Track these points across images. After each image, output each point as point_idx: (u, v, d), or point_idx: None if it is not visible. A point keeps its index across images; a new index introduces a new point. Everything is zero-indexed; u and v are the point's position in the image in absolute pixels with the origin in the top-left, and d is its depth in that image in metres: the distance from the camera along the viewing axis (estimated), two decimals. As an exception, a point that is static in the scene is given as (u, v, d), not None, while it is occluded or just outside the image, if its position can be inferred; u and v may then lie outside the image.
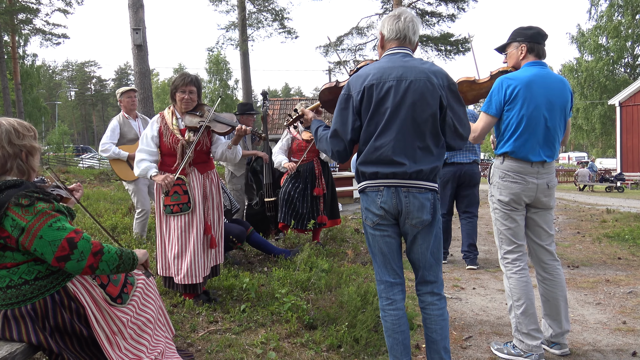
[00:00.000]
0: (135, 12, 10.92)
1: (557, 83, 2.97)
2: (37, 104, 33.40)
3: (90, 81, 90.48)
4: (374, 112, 2.40)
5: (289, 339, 3.17)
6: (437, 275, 2.51)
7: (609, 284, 4.66)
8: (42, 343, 2.06)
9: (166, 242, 3.66)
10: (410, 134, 2.37)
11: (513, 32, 3.09)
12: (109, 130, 5.54)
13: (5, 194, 1.98)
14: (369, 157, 2.42)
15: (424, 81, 2.36)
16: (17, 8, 27.51)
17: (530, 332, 2.93)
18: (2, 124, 2.09)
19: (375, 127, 2.40)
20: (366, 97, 2.39)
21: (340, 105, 2.48)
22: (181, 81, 3.64)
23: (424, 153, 2.39)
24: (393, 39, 2.50)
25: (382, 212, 2.41)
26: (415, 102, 2.35)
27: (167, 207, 3.58)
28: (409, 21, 2.48)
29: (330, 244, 6.09)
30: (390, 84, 2.37)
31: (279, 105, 22.17)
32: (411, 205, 2.38)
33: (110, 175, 17.06)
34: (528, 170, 2.95)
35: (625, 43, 34.46)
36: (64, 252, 1.98)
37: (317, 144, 2.68)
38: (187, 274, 3.55)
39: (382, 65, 2.43)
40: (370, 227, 2.49)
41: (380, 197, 2.40)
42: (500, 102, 2.95)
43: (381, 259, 2.50)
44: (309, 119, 2.85)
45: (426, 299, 2.51)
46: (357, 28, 24.03)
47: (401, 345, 2.46)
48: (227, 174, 6.16)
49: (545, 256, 3.07)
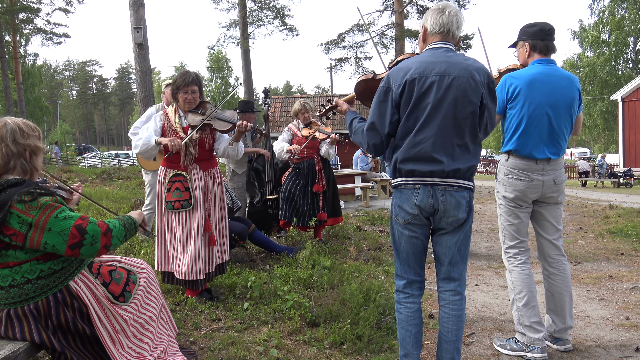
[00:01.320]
0: (136, 11, 10.91)
1: (563, 80, 2.96)
2: (38, 104, 33.47)
3: (91, 80, 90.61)
4: (414, 107, 2.35)
5: (292, 337, 3.18)
6: (462, 273, 2.49)
7: (612, 280, 4.65)
8: (45, 342, 2.07)
9: (166, 238, 3.67)
10: (450, 131, 2.34)
11: (520, 30, 3.10)
12: (144, 115, 5.40)
13: (8, 193, 1.99)
14: (407, 153, 2.37)
15: (467, 78, 2.34)
16: (18, 8, 27.49)
17: (532, 325, 2.93)
18: (7, 123, 2.12)
19: (414, 122, 2.36)
20: (407, 91, 2.35)
21: (379, 97, 2.43)
22: (183, 81, 3.62)
23: (462, 151, 2.37)
24: (436, 32, 2.46)
25: (416, 211, 2.38)
26: (457, 98, 2.32)
27: (169, 203, 3.59)
28: (453, 15, 2.43)
29: (333, 241, 6.09)
30: (433, 79, 2.32)
31: (280, 103, 22.14)
32: (448, 204, 2.36)
33: (112, 174, 17.08)
34: (533, 168, 2.95)
35: (627, 38, 34.34)
36: (75, 240, 2.01)
37: (352, 137, 2.62)
38: (187, 270, 3.56)
39: (425, 60, 2.38)
40: (401, 225, 2.45)
41: (416, 195, 2.37)
42: (503, 100, 2.96)
43: (405, 257, 2.49)
44: (344, 110, 2.80)
45: (447, 297, 2.48)
46: (359, 25, 23.97)
47: (413, 339, 2.45)
48: (229, 172, 6.16)
49: (552, 251, 3.07)
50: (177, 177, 3.60)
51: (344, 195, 11.14)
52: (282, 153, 5.56)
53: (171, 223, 3.64)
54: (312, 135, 5.50)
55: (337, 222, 5.88)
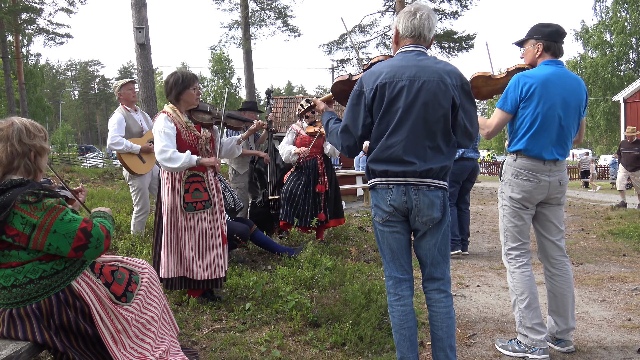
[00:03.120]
0: (138, 11, 10.93)
1: (573, 82, 2.96)
2: (40, 104, 33.52)
3: (93, 80, 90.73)
4: (385, 111, 2.39)
5: (293, 337, 3.18)
6: (445, 272, 2.51)
7: (614, 281, 4.65)
8: (47, 342, 2.07)
9: (185, 241, 3.55)
10: (421, 134, 2.36)
11: (531, 29, 3.06)
12: (115, 123, 5.20)
13: (11, 193, 2.00)
14: (380, 155, 2.41)
15: (437, 81, 2.35)
16: (21, 8, 27.54)
17: (534, 327, 2.93)
18: (14, 123, 2.14)
19: (386, 125, 2.39)
20: (378, 96, 2.38)
21: (352, 100, 2.47)
22: (190, 78, 3.56)
23: (434, 152, 2.39)
24: (408, 36, 2.48)
25: (391, 210, 2.42)
26: (427, 102, 2.34)
27: (189, 204, 3.53)
28: (425, 18, 2.44)
29: (334, 241, 6.09)
30: (403, 83, 2.35)
31: (282, 103, 22.16)
32: (421, 203, 2.38)
33: (114, 174, 17.09)
34: (541, 169, 2.94)
35: (630, 39, 34.28)
36: (81, 242, 2.05)
37: (328, 137, 2.68)
38: (211, 269, 3.60)
39: (396, 64, 2.41)
40: (380, 224, 2.49)
41: (389, 194, 2.40)
42: (516, 99, 2.93)
43: (390, 255, 2.51)
44: (321, 110, 2.83)
45: (433, 296, 2.51)
46: (360, 26, 23.94)
47: (408, 341, 2.46)
48: (231, 172, 6.16)
49: (555, 252, 3.06)
50: (194, 177, 3.57)
51: (345, 195, 11.14)
52: (290, 156, 5.54)
53: (192, 224, 3.56)
54: (319, 133, 5.49)
55: (339, 223, 5.87)
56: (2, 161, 2.10)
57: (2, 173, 2.11)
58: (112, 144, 5.15)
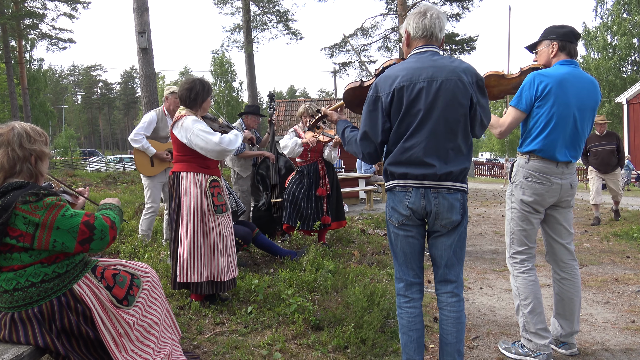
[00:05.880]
0: (140, 16, 10.97)
1: (589, 84, 2.92)
2: (44, 108, 33.68)
3: (96, 85, 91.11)
4: (405, 114, 2.35)
5: (295, 340, 3.17)
6: (458, 275, 2.49)
7: (618, 283, 4.62)
8: (49, 345, 2.07)
9: (217, 245, 3.60)
10: (442, 135, 2.34)
11: (545, 30, 3.03)
12: (145, 121, 5.43)
13: (12, 195, 2.01)
14: (399, 157, 2.38)
15: (455, 80, 2.33)
16: (24, 13, 27.70)
17: (538, 332, 2.91)
18: (15, 127, 2.15)
19: (406, 128, 2.36)
20: (396, 99, 2.34)
21: (369, 106, 2.43)
22: (209, 87, 3.73)
23: (455, 154, 2.36)
24: (420, 37, 2.45)
25: (409, 213, 2.39)
26: (447, 102, 2.32)
27: (219, 208, 3.64)
28: (435, 18, 2.42)
29: (337, 244, 6.08)
30: (421, 85, 2.32)
31: (284, 106, 22.20)
32: (441, 206, 2.36)
33: (117, 178, 17.13)
34: (553, 171, 2.89)
35: (632, 40, 34.23)
36: (85, 235, 2.07)
37: (346, 146, 2.62)
38: (231, 268, 3.72)
39: (411, 66, 2.37)
40: (395, 226, 2.46)
41: (408, 197, 2.38)
42: (532, 97, 2.87)
43: (402, 258, 2.49)
44: (335, 119, 2.80)
45: (445, 299, 2.48)
46: (362, 29, 24.00)
47: (415, 344, 2.45)
48: (233, 176, 6.16)
49: (565, 255, 3.03)
50: (214, 182, 3.68)
51: (347, 198, 11.13)
52: (297, 147, 5.49)
53: (221, 227, 3.64)
54: (317, 140, 5.49)
55: (341, 225, 5.86)
56: (4, 166, 2.11)
57: (3, 178, 2.12)
58: (132, 138, 5.45)
